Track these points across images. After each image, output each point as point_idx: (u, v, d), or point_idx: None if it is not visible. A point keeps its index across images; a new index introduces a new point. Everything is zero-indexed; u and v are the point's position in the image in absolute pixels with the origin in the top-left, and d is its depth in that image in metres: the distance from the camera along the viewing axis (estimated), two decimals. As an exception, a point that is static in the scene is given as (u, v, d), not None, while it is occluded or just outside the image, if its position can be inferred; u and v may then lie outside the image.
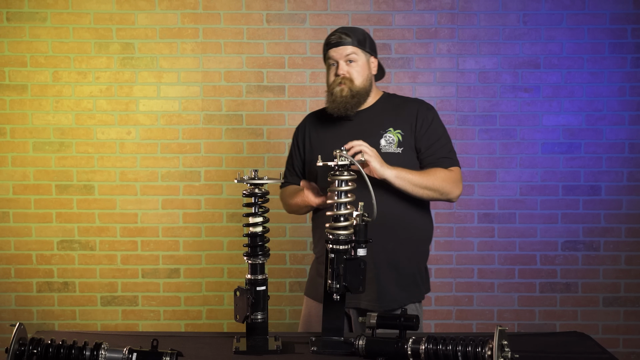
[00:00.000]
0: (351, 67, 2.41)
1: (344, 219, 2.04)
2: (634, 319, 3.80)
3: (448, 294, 3.81)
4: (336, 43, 2.41)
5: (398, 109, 2.48)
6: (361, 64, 2.42)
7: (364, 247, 2.07)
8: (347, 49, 2.40)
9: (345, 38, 2.40)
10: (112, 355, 1.82)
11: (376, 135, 2.41)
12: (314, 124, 2.56)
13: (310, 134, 2.55)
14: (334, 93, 2.41)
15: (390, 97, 2.53)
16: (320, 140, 2.50)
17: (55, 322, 3.79)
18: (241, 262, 3.74)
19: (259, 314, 2.08)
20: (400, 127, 2.43)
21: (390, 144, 2.42)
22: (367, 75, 2.44)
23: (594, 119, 3.76)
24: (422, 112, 2.46)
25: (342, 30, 2.44)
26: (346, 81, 2.39)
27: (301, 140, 2.57)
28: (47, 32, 3.71)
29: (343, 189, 2.04)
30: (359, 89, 2.40)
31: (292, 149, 2.62)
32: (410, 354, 1.90)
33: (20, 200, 3.76)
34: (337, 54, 2.41)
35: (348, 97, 2.39)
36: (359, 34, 2.45)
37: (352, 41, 2.41)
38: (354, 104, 2.41)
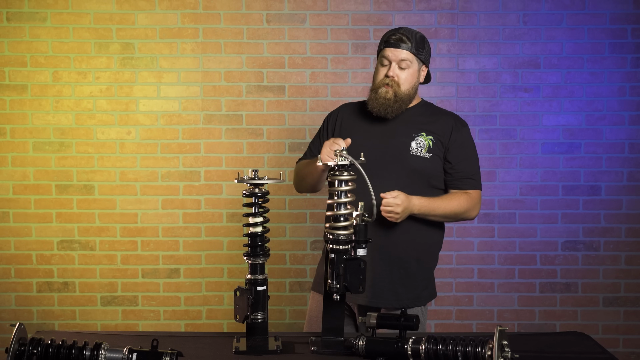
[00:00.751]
0: (402, 72, 2.39)
1: (344, 219, 2.04)
2: (634, 319, 3.80)
3: (448, 294, 3.81)
4: (395, 44, 2.39)
5: (434, 117, 2.50)
6: (412, 71, 2.41)
7: (364, 247, 2.07)
8: (403, 53, 2.39)
9: (405, 41, 2.38)
10: (112, 355, 1.82)
11: (408, 137, 2.43)
12: (348, 114, 2.54)
13: (343, 123, 2.52)
14: (378, 92, 2.39)
15: (427, 105, 2.55)
16: (351, 132, 2.46)
17: (55, 322, 3.79)
18: (241, 262, 3.74)
19: (259, 314, 2.08)
20: (433, 134, 2.44)
21: (420, 147, 2.42)
22: (414, 83, 2.43)
23: (594, 119, 3.76)
24: (458, 126, 2.49)
25: (404, 32, 2.41)
26: (393, 84, 2.38)
27: (332, 127, 2.54)
28: (47, 32, 3.71)
29: (343, 189, 2.04)
30: (403, 95, 2.40)
31: (320, 133, 2.59)
32: (410, 354, 1.90)
33: (20, 200, 3.76)
34: (393, 55, 2.39)
35: (391, 100, 2.38)
36: (419, 40, 2.43)
37: (411, 46, 2.39)
38: (395, 109, 2.40)
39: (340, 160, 2.03)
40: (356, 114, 2.53)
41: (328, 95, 3.74)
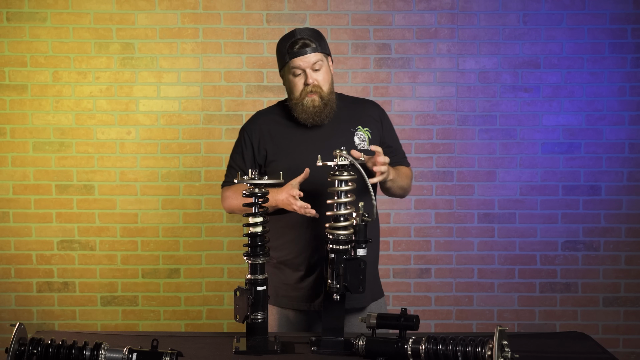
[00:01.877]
0: (318, 74, 2.35)
1: (344, 219, 2.04)
2: (634, 319, 3.80)
3: (448, 294, 3.81)
4: (301, 51, 2.33)
5: (357, 108, 2.50)
6: (325, 68, 2.38)
7: (363, 247, 2.07)
8: (312, 57, 2.34)
9: (309, 45, 2.33)
10: (112, 355, 1.82)
11: (348, 134, 2.42)
12: (272, 125, 2.45)
13: (272, 135, 2.44)
14: (304, 104, 2.35)
15: (342, 97, 2.52)
16: (286, 142, 2.42)
17: (55, 322, 3.79)
18: (241, 262, 3.74)
19: (259, 314, 2.08)
20: (367, 125, 2.46)
21: (362, 141, 2.43)
22: (331, 79, 2.41)
23: (594, 119, 3.76)
24: (381, 112, 2.53)
25: (302, 36, 2.35)
26: (317, 89, 2.34)
27: (257, 142, 2.45)
28: (47, 32, 3.71)
29: (343, 189, 2.04)
30: (328, 95, 2.37)
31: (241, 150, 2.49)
32: (410, 354, 1.90)
33: (20, 200, 3.76)
34: (304, 62, 2.33)
35: (320, 106, 2.35)
36: (317, 36, 2.39)
37: (316, 47, 2.34)
38: (328, 112, 2.38)
39: (340, 160, 2.03)
40: (279, 122, 2.46)
41: (328, 95, 3.73)
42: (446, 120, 3.77)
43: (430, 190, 3.77)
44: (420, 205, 3.78)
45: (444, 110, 3.76)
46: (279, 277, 2.45)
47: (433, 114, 3.75)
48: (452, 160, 3.77)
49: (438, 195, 3.80)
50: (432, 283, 3.81)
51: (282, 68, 2.41)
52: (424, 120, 3.77)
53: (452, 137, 3.77)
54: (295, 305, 2.43)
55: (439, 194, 3.80)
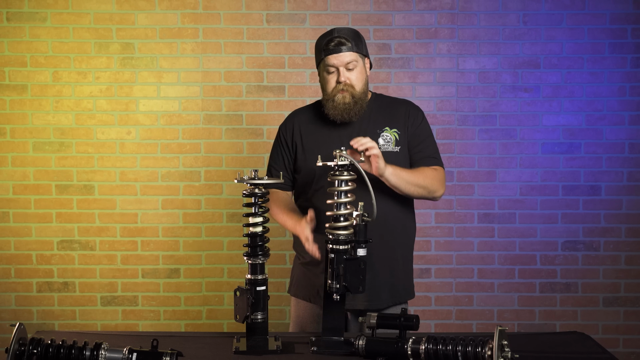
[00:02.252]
0: (351, 73, 2.37)
1: (344, 219, 2.04)
2: (634, 319, 3.80)
3: (448, 294, 3.81)
4: (336, 49, 2.35)
5: (390, 109, 2.49)
6: (360, 68, 2.40)
7: (364, 247, 2.07)
8: (347, 56, 2.36)
9: (345, 43, 2.36)
10: (112, 355, 1.82)
11: (374, 135, 2.41)
12: (304, 123, 2.51)
13: (302, 133, 2.49)
14: (335, 100, 2.37)
15: (379, 97, 2.53)
16: (315, 141, 2.46)
17: (55, 322, 3.79)
18: (241, 262, 3.74)
19: (259, 314, 2.08)
20: (395, 126, 2.45)
21: (388, 142, 2.43)
22: (365, 79, 2.43)
23: (594, 119, 3.76)
24: (413, 112, 2.50)
25: (339, 35, 2.38)
26: (348, 87, 2.36)
27: (290, 140, 2.51)
28: (47, 32, 3.71)
29: (343, 189, 2.04)
30: (360, 94, 2.38)
31: (279, 149, 2.54)
32: (410, 354, 1.90)
33: (20, 200, 3.76)
34: (338, 60, 2.36)
35: (351, 104, 2.37)
36: (354, 35, 2.41)
37: (352, 46, 2.36)
38: (357, 111, 2.39)
39: (340, 160, 2.03)
40: (312, 120, 2.49)
41: (328, 95, 3.73)
42: (446, 120, 3.77)
43: (430, 190, 3.77)
44: (420, 205, 3.77)
45: (444, 110, 3.76)
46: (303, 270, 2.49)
47: (433, 114, 3.75)
48: (452, 160, 3.77)
49: (438, 195, 3.79)
50: (432, 283, 3.81)
51: (318, 64, 2.44)
52: (424, 120, 3.76)
53: (452, 137, 3.77)
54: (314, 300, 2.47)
55: (439, 194, 3.79)
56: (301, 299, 2.52)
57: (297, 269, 2.57)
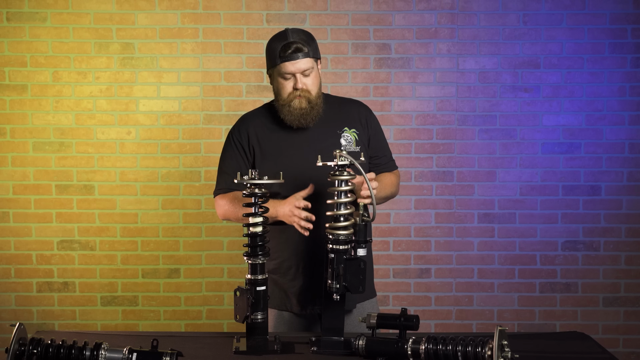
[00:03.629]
0: (308, 79, 2.34)
1: (344, 219, 2.04)
2: (634, 319, 3.80)
3: (448, 294, 3.81)
4: (293, 56, 2.31)
5: (342, 109, 2.49)
6: (315, 73, 2.37)
7: (363, 247, 2.07)
8: (304, 63, 2.32)
9: (301, 49, 2.31)
10: (112, 355, 1.82)
11: (334, 136, 2.41)
12: (260, 128, 2.45)
13: (259, 138, 2.43)
14: (291, 105, 2.34)
15: (328, 97, 2.51)
16: (275, 146, 2.41)
17: (55, 322, 3.79)
18: (241, 262, 3.74)
19: (259, 314, 2.08)
20: (353, 126, 2.45)
21: (349, 143, 2.43)
22: (320, 83, 2.41)
23: (594, 119, 3.76)
24: (365, 112, 2.51)
25: (294, 40, 2.33)
26: (305, 93, 2.34)
27: (246, 144, 2.44)
28: (47, 32, 3.71)
29: (343, 189, 2.04)
30: (316, 99, 2.36)
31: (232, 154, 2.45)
32: (410, 354, 1.90)
33: (20, 200, 3.76)
34: (295, 67, 2.32)
35: (307, 109, 2.34)
36: (309, 40, 2.37)
37: (308, 52, 2.33)
38: (314, 115, 2.37)
39: (340, 160, 2.03)
40: (266, 124, 2.45)
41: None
42: (446, 120, 3.77)
43: (430, 190, 3.77)
44: (420, 205, 3.78)
45: (444, 110, 3.75)
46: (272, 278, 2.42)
47: (433, 114, 3.75)
48: (452, 160, 3.77)
49: (438, 195, 3.80)
50: (432, 283, 3.81)
51: (270, 68, 2.39)
52: (424, 120, 3.77)
53: (452, 137, 3.77)
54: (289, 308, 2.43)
55: (439, 194, 3.80)
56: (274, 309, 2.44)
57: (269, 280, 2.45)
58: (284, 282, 2.42)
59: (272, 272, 2.42)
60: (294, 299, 2.42)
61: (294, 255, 2.39)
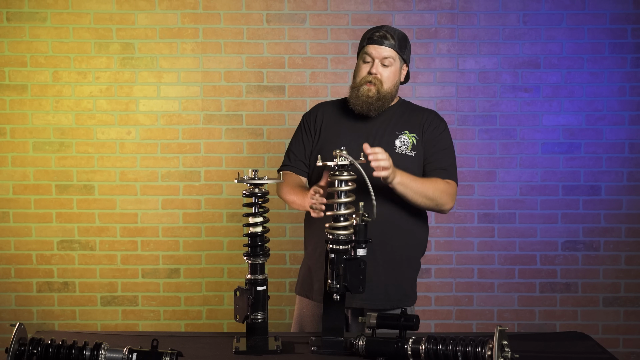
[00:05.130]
0: (385, 70, 2.38)
1: (344, 219, 2.04)
2: (634, 319, 3.80)
3: (448, 294, 3.81)
4: (378, 41, 2.38)
5: (414, 114, 2.49)
6: (395, 69, 2.40)
7: (363, 247, 2.07)
8: (386, 51, 2.38)
9: (388, 38, 2.38)
10: (112, 355, 1.82)
11: (392, 136, 2.42)
12: (327, 114, 2.51)
13: (323, 123, 2.50)
14: (360, 90, 2.38)
15: (406, 103, 2.55)
16: (335, 132, 2.46)
17: (55, 322, 3.79)
18: (241, 262, 3.74)
19: (259, 314, 2.08)
20: (415, 131, 2.44)
21: (404, 145, 2.42)
22: (396, 82, 2.43)
23: (594, 119, 3.76)
24: (435, 120, 2.49)
25: (387, 30, 2.41)
26: (376, 81, 2.37)
27: (313, 127, 2.51)
28: (47, 32, 3.71)
29: (343, 189, 2.04)
30: (385, 93, 2.38)
31: (300, 135, 2.53)
32: (410, 354, 1.90)
33: (20, 200, 3.76)
34: (376, 52, 2.38)
35: (374, 98, 2.37)
36: (402, 38, 2.43)
37: (394, 44, 2.39)
38: (378, 107, 2.39)
39: (341, 160, 2.03)
40: (336, 112, 2.51)
41: (328, 95, 3.73)
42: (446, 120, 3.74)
43: (430, 190, 3.77)
44: (420, 205, 3.77)
45: (444, 110, 3.75)
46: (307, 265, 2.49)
47: (433, 114, 3.75)
48: (452, 160, 3.76)
49: (438, 195, 3.79)
50: (432, 283, 3.81)
51: (358, 52, 2.46)
52: (424, 120, 3.77)
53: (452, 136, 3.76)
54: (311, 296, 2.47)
55: (439, 194, 3.79)
56: (303, 297, 2.52)
57: (304, 267, 2.57)
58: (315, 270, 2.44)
59: (307, 257, 2.49)
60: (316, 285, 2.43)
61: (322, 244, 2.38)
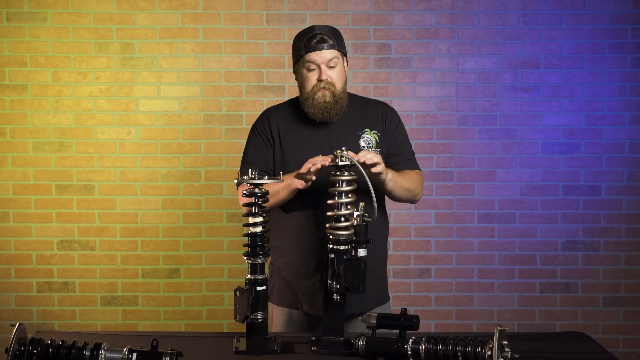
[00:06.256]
0: (333, 71, 2.33)
1: (344, 219, 2.04)
2: (634, 319, 3.80)
3: (448, 294, 3.81)
4: (318, 46, 2.31)
5: (366, 110, 2.46)
6: (340, 66, 2.35)
7: (364, 247, 2.07)
8: (329, 53, 2.31)
9: (327, 40, 2.31)
10: (112, 355, 1.82)
11: (354, 136, 2.40)
12: (283, 122, 2.43)
13: (280, 132, 2.42)
14: (315, 98, 2.32)
15: (354, 97, 2.49)
16: (295, 141, 2.40)
17: (55, 322, 3.79)
18: (241, 262, 3.74)
19: (259, 314, 2.08)
20: (375, 127, 2.43)
21: (369, 144, 2.40)
22: (345, 78, 2.39)
23: (594, 119, 3.76)
24: (389, 113, 2.48)
25: (320, 31, 2.34)
26: (329, 86, 2.32)
27: (270, 136, 2.42)
28: (47, 32, 3.71)
29: (344, 189, 2.04)
30: (340, 93, 2.34)
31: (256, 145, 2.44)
32: (410, 354, 1.90)
33: (20, 200, 3.76)
34: (320, 58, 2.31)
35: (331, 102, 2.32)
36: (335, 34, 2.37)
37: (333, 44, 2.33)
38: (338, 110, 2.35)
39: (341, 160, 2.03)
40: (289, 118, 2.43)
41: (328, 95, 3.73)
42: (446, 120, 3.77)
43: (430, 190, 3.77)
44: (420, 205, 3.78)
45: (444, 110, 3.75)
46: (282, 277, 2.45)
47: (433, 114, 3.75)
48: (452, 160, 3.77)
49: (438, 195, 3.79)
50: (432, 283, 3.81)
51: (296, 62, 2.39)
52: (424, 120, 3.77)
53: (452, 137, 3.77)
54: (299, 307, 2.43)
55: (439, 194, 3.79)
56: (285, 307, 2.46)
57: (275, 276, 2.48)
58: (294, 281, 2.42)
59: (283, 269, 2.43)
60: (303, 299, 2.41)
61: (305, 255, 2.38)
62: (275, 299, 2.48)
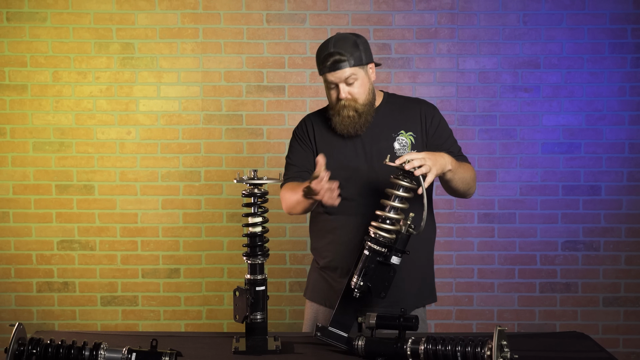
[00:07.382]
0: (352, 88, 2.29)
1: (390, 222, 2.02)
2: (634, 319, 3.80)
3: (448, 294, 3.81)
4: (333, 67, 2.27)
5: (403, 110, 2.43)
6: (361, 80, 2.31)
7: (399, 256, 2.03)
8: (345, 72, 2.27)
9: (342, 60, 2.26)
10: (111, 355, 1.82)
11: (389, 139, 2.37)
12: (318, 126, 2.44)
13: (316, 136, 2.43)
14: (341, 115, 2.31)
15: (391, 97, 2.47)
16: (329, 146, 2.39)
17: (55, 322, 3.79)
18: (241, 262, 3.74)
19: (258, 314, 2.08)
20: (411, 129, 2.39)
21: (404, 147, 2.37)
22: (369, 88, 2.34)
23: (594, 119, 3.76)
24: (428, 112, 2.43)
25: (337, 49, 2.27)
26: (350, 102, 2.30)
27: (308, 140, 2.44)
28: (47, 32, 3.71)
29: (400, 194, 2.02)
30: (363, 107, 2.31)
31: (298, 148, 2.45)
32: (410, 354, 1.90)
33: (20, 200, 3.76)
34: (336, 77, 2.28)
35: (355, 117, 2.30)
36: (352, 48, 2.29)
37: (349, 61, 2.27)
38: (363, 123, 2.33)
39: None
40: (325, 123, 2.43)
41: (328, 95, 3.73)
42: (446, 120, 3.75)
43: (430, 190, 3.77)
44: (420, 205, 3.77)
45: (444, 110, 3.73)
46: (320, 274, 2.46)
47: (433, 114, 3.75)
48: (452, 160, 3.76)
49: (438, 195, 3.78)
50: (432, 283, 3.80)
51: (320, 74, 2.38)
52: (424, 120, 3.76)
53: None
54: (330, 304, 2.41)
55: (439, 194, 3.78)
56: (317, 304, 2.47)
57: (314, 272, 2.52)
58: (332, 280, 2.42)
59: (322, 269, 2.45)
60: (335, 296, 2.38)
61: (340, 257, 2.37)
62: (308, 293, 2.52)
